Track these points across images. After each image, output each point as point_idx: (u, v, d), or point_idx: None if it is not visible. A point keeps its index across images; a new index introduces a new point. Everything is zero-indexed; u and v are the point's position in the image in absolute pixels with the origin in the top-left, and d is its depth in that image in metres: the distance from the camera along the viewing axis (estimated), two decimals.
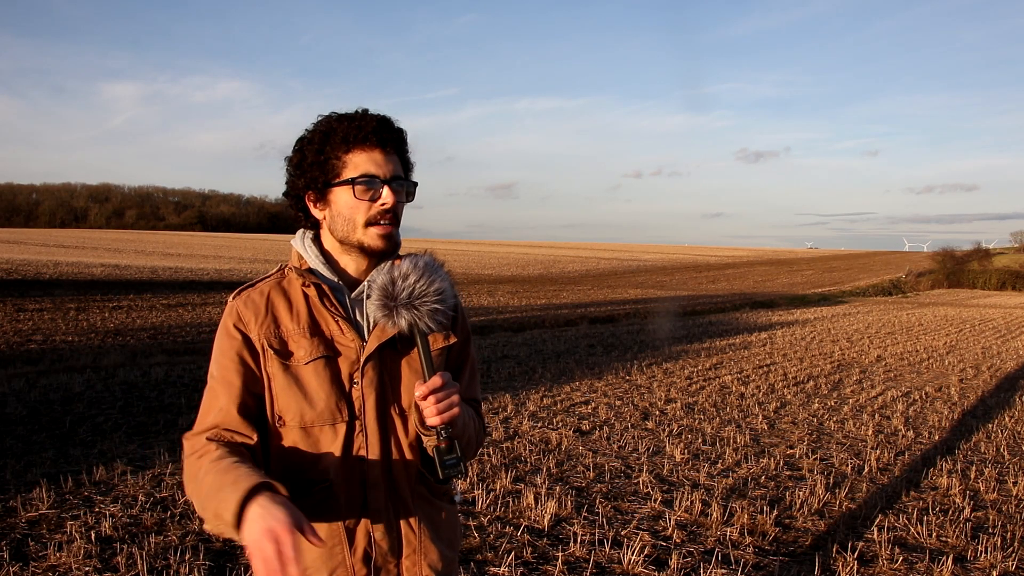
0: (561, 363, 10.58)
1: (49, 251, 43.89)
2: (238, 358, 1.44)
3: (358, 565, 1.45)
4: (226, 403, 1.42)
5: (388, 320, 1.42)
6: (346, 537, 1.45)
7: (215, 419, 1.42)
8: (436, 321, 1.45)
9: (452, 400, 1.38)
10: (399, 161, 1.49)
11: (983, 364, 12.26)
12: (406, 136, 1.51)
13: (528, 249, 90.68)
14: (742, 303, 27.94)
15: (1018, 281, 55.55)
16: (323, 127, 1.46)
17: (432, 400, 1.36)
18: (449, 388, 1.38)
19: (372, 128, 1.44)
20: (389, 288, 1.41)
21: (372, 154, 1.44)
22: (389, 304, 1.41)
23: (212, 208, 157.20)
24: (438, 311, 1.44)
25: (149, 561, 3.47)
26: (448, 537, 1.56)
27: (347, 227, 1.45)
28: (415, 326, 1.42)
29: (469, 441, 1.51)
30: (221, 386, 1.43)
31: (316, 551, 1.45)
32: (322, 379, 1.43)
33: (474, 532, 3.99)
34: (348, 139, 1.43)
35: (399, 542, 1.48)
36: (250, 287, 1.50)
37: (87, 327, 13.08)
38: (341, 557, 1.45)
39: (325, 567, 1.44)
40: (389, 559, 1.48)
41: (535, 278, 41.01)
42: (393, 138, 1.47)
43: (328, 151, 1.44)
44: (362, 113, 1.47)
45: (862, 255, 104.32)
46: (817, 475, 5.37)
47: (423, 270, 1.44)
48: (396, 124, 1.49)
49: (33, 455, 5.14)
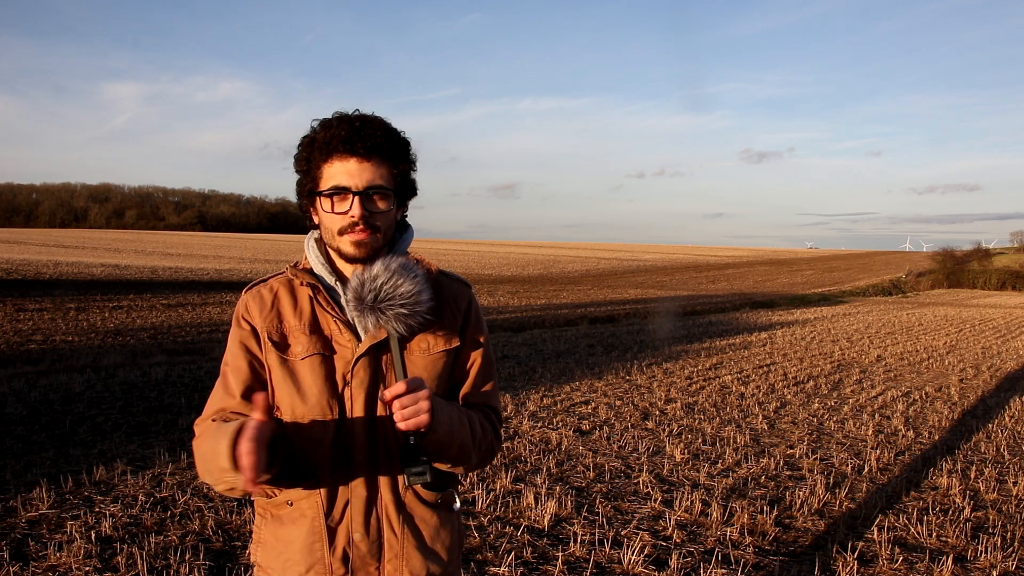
0: (561, 363, 10.58)
1: (49, 251, 43.89)
2: (245, 347, 1.49)
3: (336, 564, 1.46)
4: (233, 388, 1.47)
5: (361, 321, 1.43)
6: (327, 535, 1.46)
7: (221, 403, 1.47)
8: (405, 324, 1.43)
9: (419, 407, 1.32)
10: (382, 166, 1.45)
11: (983, 364, 12.26)
12: (393, 137, 1.46)
13: (528, 249, 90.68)
14: (742, 303, 27.95)
15: (1018, 281, 55.55)
16: (309, 135, 1.47)
17: (397, 405, 1.32)
18: (416, 393, 1.33)
19: (343, 137, 1.41)
20: (358, 290, 1.41)
21: (346, 163, 1.43)
22: (358, 306, 1.42)
23: (212, 208, 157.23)
24: (405, 315, 1.41)
25: (149, 561, 3.47)
26: (440, 546, 1.53)
27: (327, 235, 1.48)
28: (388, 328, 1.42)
29: (462, 449, 1.45)
30: (231, 372, 1.49)
31: (298, 545, 1.47)
32: (316, 375, 1.45)
33: (474, 532, 4.00)
34: (323, 149, 1.43)
35: (379, 546, 1.48)
36: (261, 282, 1.54)
37: (87, 327, 13.08)
38: (320, 554, 1.46)
39: (304, 562, 1.46)
40: (368, 562, 1.47)
41: (535, 278, 41.01)
42: (367, 145, 1.42)
43: (311, 161, 1.46)
44: (339, 119, 1.44)
45: (862, 255, 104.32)
46: (817, 475, 5.37)
47: (392, 272, 1.41)
48: (377, 128, 1.44)
49: (33, 455, 5.14)
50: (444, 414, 1.40)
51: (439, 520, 1.53)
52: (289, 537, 1.47)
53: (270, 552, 1.50)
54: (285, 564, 1.47)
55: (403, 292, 1.41)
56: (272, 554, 1.50)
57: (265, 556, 1.51)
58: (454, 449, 1.44)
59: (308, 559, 1.46)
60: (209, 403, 1.49)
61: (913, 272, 61.61)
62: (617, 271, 53.34)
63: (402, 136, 1.49)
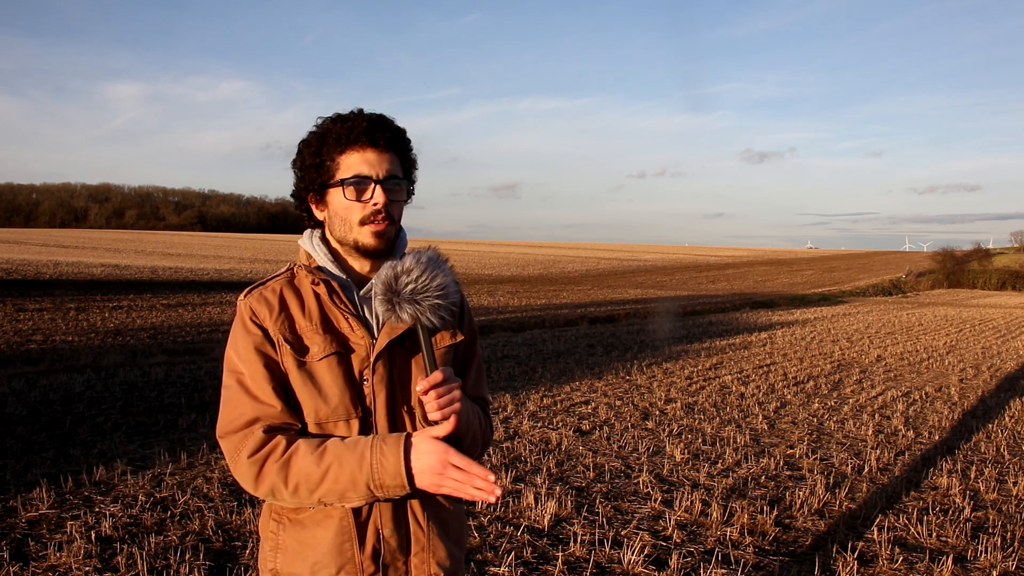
0: (561, 363, 10.58)
1: (49, 251, 43.89)
2: (261, 352, 1.43)
3: (367, 562, 1.45)
4: (264, 396, 1.41)
5: (392, 315, 1.43)
6: (356, 534, 1.45)
7: (255, 412, 1.40)
8: (439, 316, 1.45)
9: (453, 396, 1.39)
10: (396, 159, 1.50)
11: (983, 364, 12.26)
12: (404, 134, 1.52)
13: (528, 249, 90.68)
14: (742, 303, 27.95)
15: (1018, 281, 55.54)
16: (319, 129, 1.48)
17: (433, 395, 1.36)
18: (450, 383, 1.39)
19: (364, 128, 1.45)
20: (392, 283, 1.42)
21: (365, 154, 1.46)
22: (392, 299, 1.42)
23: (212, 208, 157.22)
24: (440, 306, 1.45)
25: (149, 561, 3.47)
26: (456, 535, 1.57)
27: (343, 227, 1.47)
28: (418, 320, 1.43)
29: (474, 439, 1.51)
30: (251, 380, 1.42)
31: (326, 547, 1.45)
32: (335, 375, 1.44)
33: (474, 532, 4.00)
34: (341, 140, 1.45)
35: (408, 540, 1.49)
36: (260, 285, 1.51)
37: (87, 327, 13.08)
38: (350, 554, 1.45)
39: (334, 563, 1.44)
40: (398, 556, 1.48)
41: (535, 278, 41.01)
42: (387, 137, 1.47)
43: (324, 153, 1.46)
44: (355, 113, 1.48)
45: (862, 255, 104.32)
46: (817, 475, 5.37)
47: (426, 265, 1.44)
48: (392, 123, 1.49)
49: (33, 455, 5.14)
50: (466, 406, 1.45)
51: (454, 511, 1.57)
52: (315, 540, 1.45)
53: (295, 558, 1.46)
54: (313, 568, 1.44)
55: (438, 284, 1.44)
56: (298, 559, 1.46)
57: (289, 562, 1.47)
58: (469, 439, 1.48)
59: (338, 560, 1.44)
60: (230, 416, 1.42)
61: (913, 272, 61.61)
62: (617, 271, 53.34)
63: (408, 136, 1.54)
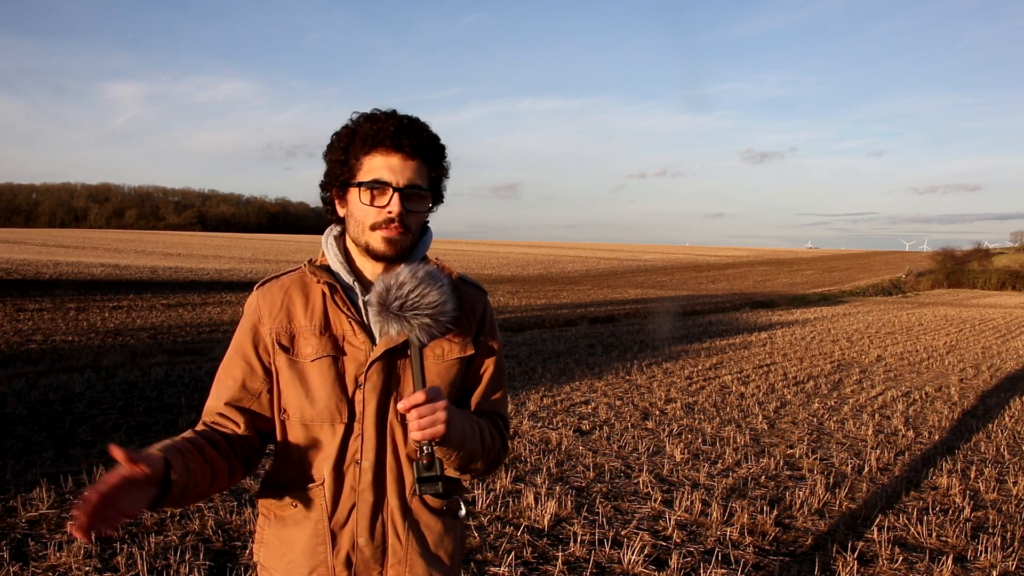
0: (561, 363, 10.58)
1: (49, 251, 43.89)
2: (244, 349, 1.48)
3: (339, 567, 1.45)
4: (221, 391, 1.48)
5: (383, 328, 1.41)
6: (330, 538, 1.45)
7: (210, 403, 1.49)
8: (429, 334, 1.41)
9: (436, 417, 1.32)
10: (423, 167, 1.45)
11: (983, 364, 12.26)
12: (436, 141, 1.46)
13: (528, 249, 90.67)
14: (742, 303, 27.94)
15: (1018, 281, 55.53)
16: (351, 125, 1.45)
17: (415, 415, 1.32)
18: (434, 403, 1.33)
19: (391, 132, 1.41)
20: (383, 295, 1.39)
21: (389, 158, 1.41)
22: (382, 312, 1.39)
23: (212, 208, 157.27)
24: (430, 325, 1.40)
25: (149, 561, 3.47)
26: (443, 552, 1.52)
27: (357, 228, 1.45)
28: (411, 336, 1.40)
29: (471, 455, 1.45)
30: (223, 373, 1.49)
31: (301, 548, 1.46)
32: (325, 378, 1.43)
33: (474, 532, 4.00)
34: (367, 140, 1.42)
35: (384, 550, 1.47)
36: (274, 279, 1.52)
37: (87, 327, 13.08)
38: (323, 557, 1.45)
39: (307, 564, 1.45)
40: (371, 566, 1.46)
41: (535, 278, 41.01)
42: (415, 144, 1.42)
43: (350, 150, 1.43)
44: (387, 114, 1.44)
45: (862, 255, 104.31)
46: (817, 475, 5.37)
47: (420, 280, 1.39)
48: (424, 129, 1.44)
49: (33, 455, 5.14)
50: (457, 423, 1.39)
51: (443, 527, 1.52)
52: (292, 539, 1.47)
53: (273, 553, 1.50)
54: (288, 566, 1.47)
55: (429, 301, 1.39)
56: (275, 555, 1.49)
57: (268, 557, 1.51)
58: (464, 458, 1.44)
59: (311, 561, 1.45)
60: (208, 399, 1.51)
61: (913, 272, 61.61)
62: (617, 271, 53.33)
63: (441, 143, 1.48)
